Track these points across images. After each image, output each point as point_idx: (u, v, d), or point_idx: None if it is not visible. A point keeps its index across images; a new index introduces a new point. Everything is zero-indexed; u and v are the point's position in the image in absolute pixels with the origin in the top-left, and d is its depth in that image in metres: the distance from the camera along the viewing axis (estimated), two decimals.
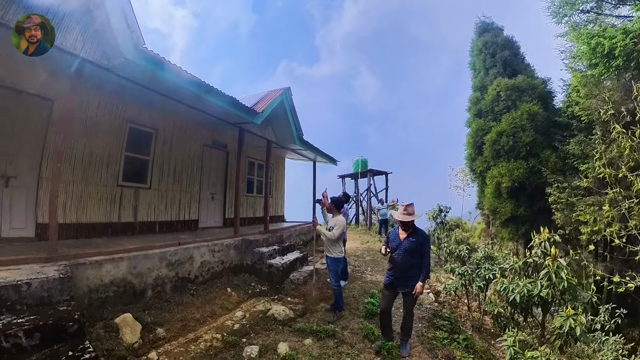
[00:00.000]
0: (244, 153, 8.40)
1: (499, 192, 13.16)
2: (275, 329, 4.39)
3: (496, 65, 15.50)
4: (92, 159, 5.36)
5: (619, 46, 7.89)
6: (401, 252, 3.75)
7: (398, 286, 3.83)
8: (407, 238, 3.75)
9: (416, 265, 3.70)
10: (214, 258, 5.74)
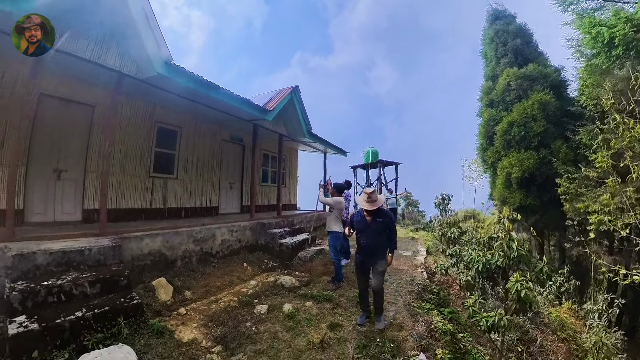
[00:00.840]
0: (259, 146, 9.18)
1: (509, 182, 13.14)
2: (282, 294, 5.17)
3: (507, 54, 15.34)
4: (127, 154, 6.29)
5: (619, 35, 7.94)
6: (369, 232, 3.97)
7: (368, 264, 4.06)
8: (374, 219, 3.96)
9: (383, 243, 3.98)
10: (232, 237, 6.59)
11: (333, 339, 3.78)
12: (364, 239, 4.03)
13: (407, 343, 3.81)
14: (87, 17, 3.97)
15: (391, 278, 6.20)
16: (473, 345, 4.37)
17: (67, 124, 5.30)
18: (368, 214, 3.99)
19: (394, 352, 3.60)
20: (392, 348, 3.65)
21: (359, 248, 4.12)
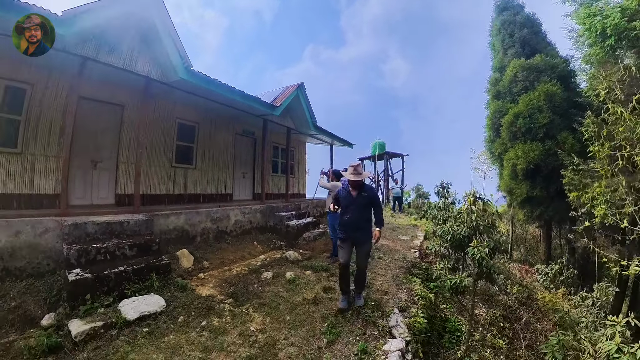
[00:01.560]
0: (269, 139, 9.96)
1: (515, 173, 13.08)
2: (286, 265, 5.94)
3: (514, 45, 15.28)
4: (153, 147, 7.18)
5: (610, 25, 8.10)
6: (355, 207, 4.02)
7: (352, 240, 4.07)
8: (359, 194, 4.05)
9: (369, 218, 4.08)
10: (245, 218, 7.41)
11: (325, 298, 4.50)
12: (349, 213, 4.03)
13: (387, 304, 4.48)
14: (122, 33, 4.78)
15: (385, 256, 6.83)
16: (454, 315, 4.97)
17: (101, 122, 6.21)
18: (353, 188, 4.07)
19: (374, 308, 4.28)
20: (372, 306, 4.33)
21: (343, 224, 4.09)
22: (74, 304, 3.41)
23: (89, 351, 2.90)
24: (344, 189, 4.24)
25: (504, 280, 7.73)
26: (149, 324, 3.42)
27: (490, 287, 6.60)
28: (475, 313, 5.37)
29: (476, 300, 5.89)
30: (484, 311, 5.71)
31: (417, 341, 3.76)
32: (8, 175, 4.78)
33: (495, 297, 6.37)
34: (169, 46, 4.99)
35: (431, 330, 4.37)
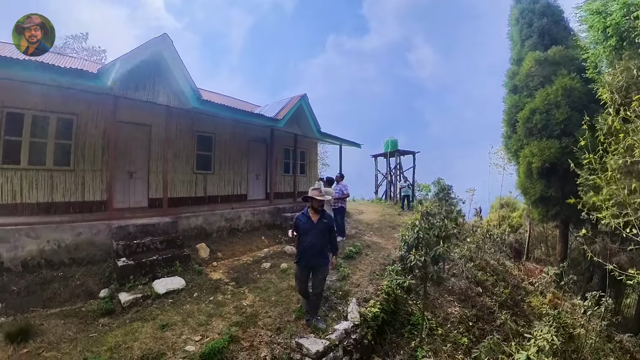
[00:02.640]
0: (277, 145, 11.29)
1: (530, 172, 12.62)
2: (284, 257, 7.26)
3: (532, 36, 14.83)
4: (177, 157, 8.75)
5: (611, 24, 8.22)
6: (315, 232, 4.19)
7: (310, 268, 4.27)
8: (320, 220, 4.26)
9: (326, 244, 4.33)
10: (254, 218, 8.83)
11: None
12: (310, 238, 4.18)
13: (355, 294, 5.43)
14: (144, 75, 6.26)
15: (372, 253, 7.85)
16: (420, 310, 5.54)
17: (134, 139, 7.83)
18: (314, 214, 4.28)
19: (342, 297, 5.32)
20: (340, 295, 5.38)
21: (302, 251, 4.26)
22: (122, 282, 4.95)
23: (132, 313, 4.39)
24: (303, 215, 4.36)
25: (494, 280, 8.31)
26: (173, 297, 4.88)
27: (473, 288, 7.38)
28: (448, 311, 6.14)
29: (452, 299, 6.64)
30: (457, 310, 6.26)
31: (369, 326, 4.70)
32: (66, 187, 6.49)
33: (474, 298, 6.96)
34: (182, 83, 6.43)
35: (393, 321, 5.24)
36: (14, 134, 5.93)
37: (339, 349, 4.07)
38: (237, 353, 3.69)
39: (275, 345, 3.95)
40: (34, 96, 5.79)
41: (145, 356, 3.44)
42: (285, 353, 3.83)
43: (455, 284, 7.24)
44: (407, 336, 5.08)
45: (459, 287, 7.13)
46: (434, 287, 6.60)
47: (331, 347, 3.98)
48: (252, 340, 3.97)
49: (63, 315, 4.23)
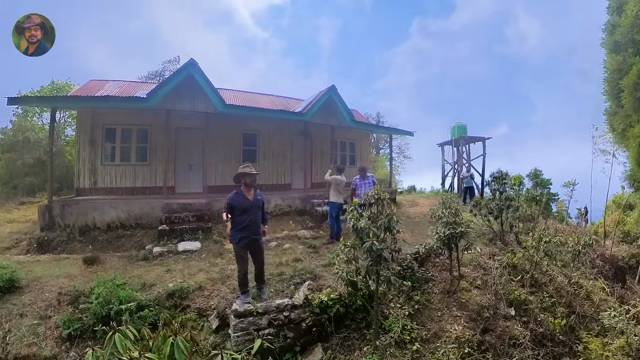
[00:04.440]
0: (320, 137, 13.00)
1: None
2: (293, 240, 8.88)
3: None
4: (226, 152, 11.47)
5: None
6: (254, 210, 4.70)
7: (253, 242, 4.75)
8: (255, 197, 4.81)
9: (261, 219, 4.92)
10: (284, 203, 10.83)
11: (288, 263, 7.04)
12: (250, 216, 4.65)
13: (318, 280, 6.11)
14: (184, 90, 8.95)
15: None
16: (397, 315, 5.22)
17: (191, 139, 10.84)
18: (248, 191, 4.80)
19: (309, 279, 6.19)
20: (309, 277, 6.10)
21: (243, 228, 4.65)
22: (159, 240, 7.68)
23: (156, 260, 6.93)
24: (238, 194, 4.78)
25: (549, 303, 6.53)
26: (187, 254, 7.29)
27: (501, 307, 6.09)
28: (444, 327, 5.43)
29: (460, 314, 5.77)
30: (458, 329, 5.41)
31: (313, 312, 4.89)
32: (143, 177, 9.86)
33: (495, 320, 5.84)
34: (210, 94, 8.87)
35: (359, 318, 5.17)
36: (110, 142, 9.51)
37: (263, 318, 4.67)
38: (194, 295, 5.52)
39: (224, 300, 5.40)
40: (121, 116, 9.20)
41: (146, 283, 5.77)
42: (224, 307, 5.09)
43: (473, 297, 6.19)
44: (368, 338, 4.91)
45: (476, 302, 6.05)
46: (444, 296, 6.10)
47: (252, 312, 4.63)
48: (212, 291, 5.68)
49: (121, 257, 7.12)
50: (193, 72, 8.70)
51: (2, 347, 4.27)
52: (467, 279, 6.65)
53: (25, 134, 15.13)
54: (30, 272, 5.93)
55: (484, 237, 8.76)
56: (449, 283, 6.36)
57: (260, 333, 4.57)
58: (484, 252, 7.72)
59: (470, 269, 7.00)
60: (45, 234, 7.61)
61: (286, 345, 4.69)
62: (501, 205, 8.48)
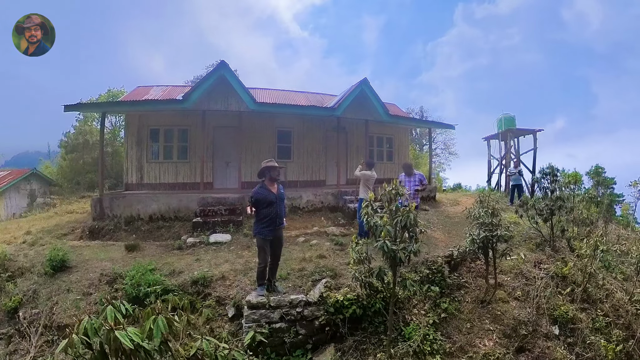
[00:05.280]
0: (355, 133, 12.98)
1: None
2: (321, 236, 8.96)
3: None
4: (260, 149, 11.91)
5: None
6: (279, 202, 4.96)
7: (277, 235, 4.99)
8: (278, 191, 5.05)
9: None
10: (316, 199, 10.97)
11: (312, 259, 7.12)
12: (275, 209, 4.86)
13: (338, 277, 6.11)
14: (217, 90, 9.49)
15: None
16: (419, 323, 5.05)
17: (228, 137, 11.43)
18: (272, 185, 5.01)
19: (329, 276, 6.18)
20: (330, 275, 6.18)
21: (268, 221, 4.83)
22: (193, 232, 8.24)
23: (189, 250, 7.44)
24: (262, 188, 4.97)
25: (603, 324, 5.67)
26: (217, 246, 7.73)
27: (543, 324, 5.48)
28: (472, 341, 5.05)
29: (493, 328, 5.30)
30: (488, 345, 5.01)
31: (327, 311, 4.85)
32: (184, 173, 10.64)
33: (534, 339, 5.26)
34: (241, 92, 9.31)
35: (378, 322, 5.00)
36: (154, 141, 10.40)
37: (275, 312, 4.77)
38: (216, 284, 5.87)
39: (242, 290, 5.56)
40: (163, 118, 10.04)
41: (175, 270, 6.26)
42: (241, 297, 5.31)
43: (510, 309, 5.65)
44: (384, 344, 4.70)
45: (513, 316, 5.50)
46: (476, 306, 5.66)
47: (265, 305, 4.76)
48: (233, 281, 5.98)
49: (159, 245, 7.77)
50: (224, 73, 9.21)
51: (49, 316, 4.93)
52: (505, 288, 6.12)
53: (85, 137, 17.36)
54: (80, 255, 6.74)
55: (530, 242, 7.97)
56: (484, 292, 5.89)
57: (271, 326, 4.69)
58: (528, 258, 7.11)
59: (510, 278, 6.43)
60: (96, 223, 8.59)
61: (297, 341, 4.74)
62: (552, 205, 7.63)
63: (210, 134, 10.60)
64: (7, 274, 5.90)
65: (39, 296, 5.46)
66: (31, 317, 5.05)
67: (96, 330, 1.97)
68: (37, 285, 5.69)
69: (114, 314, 2.24)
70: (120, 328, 2.06)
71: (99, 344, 1.98)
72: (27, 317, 5.06)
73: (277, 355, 4.70)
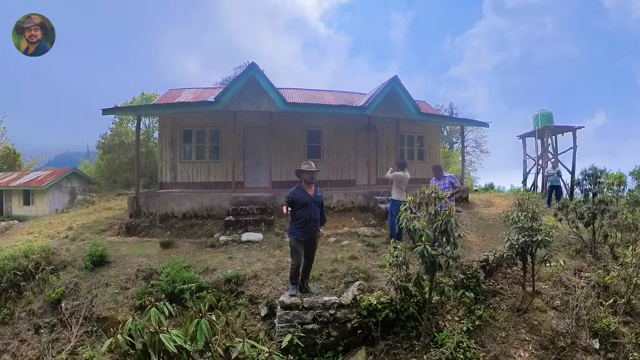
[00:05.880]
0: (386, 132, 12.63)
1: None
2: (352, 237, 8.70)
3: None
4: (290, 149, 11.82)
5: None
6: (314, 205, 4.83)
7: (311, 238, 4.87)
8: (315, 193, 4.94)
9: (319, 216, 4.97)
10: (346, 199, 10.73)
11: (344, 260, 6.89)
12: (309, 211, 4.76)
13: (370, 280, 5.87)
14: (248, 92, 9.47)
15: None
16: (453, 330, 4.86)
17: (258, 138, 11.42)
18: (309, 187, 4.94)
19: (365, 279, 5.87)
20: (362, 277, 5.86)
21: (302, 223, 4.74)
22: (225, 230, 8.22)
23: (221, 248, 7.42)
24: (299, 189, 4.92)
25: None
26: (249, 244, 7.65)
27: (582, 337, 5.14)
28: (507, 351, 4.84)
29: (529, 338, 5.05)
30: (524, 356, 4.80)
31: (360, 314, 4.72)
32: (216, 173, 10.72)
33: (573, 353, 4.95)
34: (271, 93, 9.24)
35: (411, 327, 4.85)
36: (187, 142, 10.54)
37: (308, 313, 4.69)
38: (249, 283, 5.79)
39: (275, 290, 5.53)
40: (195, 119, 10.17)
41: (208, 268, 6.22)
42: (274, 297, 5.25)
43: (548, 319, 5.37)
44: (416, 350, 4.58)
45: (551, 327, 5.23)
46: (511, 314, 5.42)
47: (298, 306, 4.68)
48: (266, 281, 5.89)
49: (192, 243, 7.80)
50: (255, 74, 9.18)
51: (89, 308, 5.01)
52: (543, 296, 5.80)
53: (121, 138, 18.06)
54: (118, 251, 6.87)
55: (569, 248, 7.54)
56: (520, 300, 5.61)
57: (304, 327, 4.62)
58: (567, 265, 6.62)
59: (548, 286, 6.11)
60: (133, 220, 8.78)
61: (329, 343, 4.66)
62: (594, 209, 7.13)
63: (241, 134, 10.62)
64: (51, 267, 6.10)
65: (79, 289, 5.59)
66: (72, 309, 5.19)
67: (140, 332, 1.85)
68: (78, 279, 5.83)
69: (157, 317, 2.15)
70: (164, 330, 1.97)
71: (141, 344, 1.87)
72: (69, 309, 5.21)
73: (308, 356, 4.63)
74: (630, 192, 14.28)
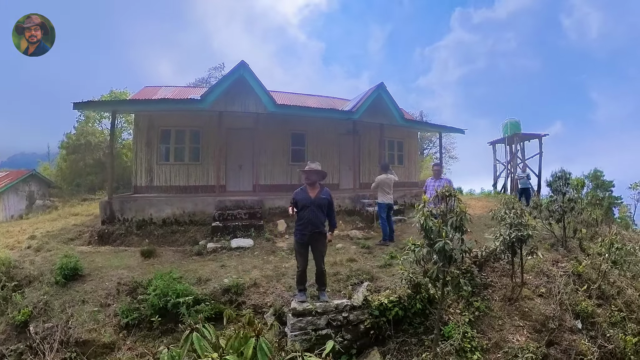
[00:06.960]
0: (369, 137, 12.50)
1: None
2: (345, 240, 8.44)
3: None
4: (275, 152, 11.31)
5: None
6: (313, 208, 4.48)
7: (310, 241, 4.54)
8: (317, 195, 4.58)
9: (324, 219, 4.61)
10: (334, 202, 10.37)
11: (342, 263, 6.60)
12: (308, 214, 4.48)
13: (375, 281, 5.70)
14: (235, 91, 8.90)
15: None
16: (459, 322, 4.99)
17: (242, 140, 10.81)
18: (312, 189, 4.65)
19: (366, 279, 5.74)
20: (366, 278, 5.76)
21: (301, 225, 4.53)
22: (212, 236, 7.55)
23: (210, 256, 6.77)
24: (301, 190, 4.72)
25: (619, 318, 5.95)
26: (240, 251, 7.07)
27: (567, 319, 5.65)
28: (506, 337, 5.10)
29: (523, 324, 5.37)
30: (521, 340, 5.08)
31: (372, 314, 4.67)
32: (196, 176, 9.95)
33: (561, 334, 5.42)
34: (261, 94, 8.77)
35: (418, 323, 4.91)
36: (165, 143, 9.71)
37: (321, 319, 4.48)
38: (249, 292, 5.29)
39: (280, 297, 5.17)
40: (175, 118, 9.39)
41: (201, 278, 5.59)
42: (281, 305, 4.93)
43: (537, 306, 5.80)
44: (426, 344, 4.67)
45: (540, 312, 5.66)
46: (504, 304, 5.69)
47: (311, 312, 4.45)
48: (267, 288, 5.43)
49: (176, 251, 7.07)
50: (244, 73, 8.65)
51: (65, 330, 4.22)
52: (529, 286, 6.23)
53: (86, 138, 16.42)
54: (92, 262, 6.01)
55: (544, 242, 8.05)
56: (510, 290, 5.97)
57: (318, 333, 4.45)
58: (546, 258, 7.07)
59: (531, 276, 6.53)
60: (106, 227, 7.82)
61: (342, 347, 4.55)
62: (564, 207, 7.87)
63: (223, 136, 9.96)
64: (13, 284, 5.12)
65: (51, 308, 4.70)
66: (44, 332, 4.33)
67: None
68: (48, 296, 4.92)
69: (202, 343, 1.67)
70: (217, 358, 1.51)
71: None
72: (40, 332, 4.34)
73: None
74: (588, 192, 15.40)
